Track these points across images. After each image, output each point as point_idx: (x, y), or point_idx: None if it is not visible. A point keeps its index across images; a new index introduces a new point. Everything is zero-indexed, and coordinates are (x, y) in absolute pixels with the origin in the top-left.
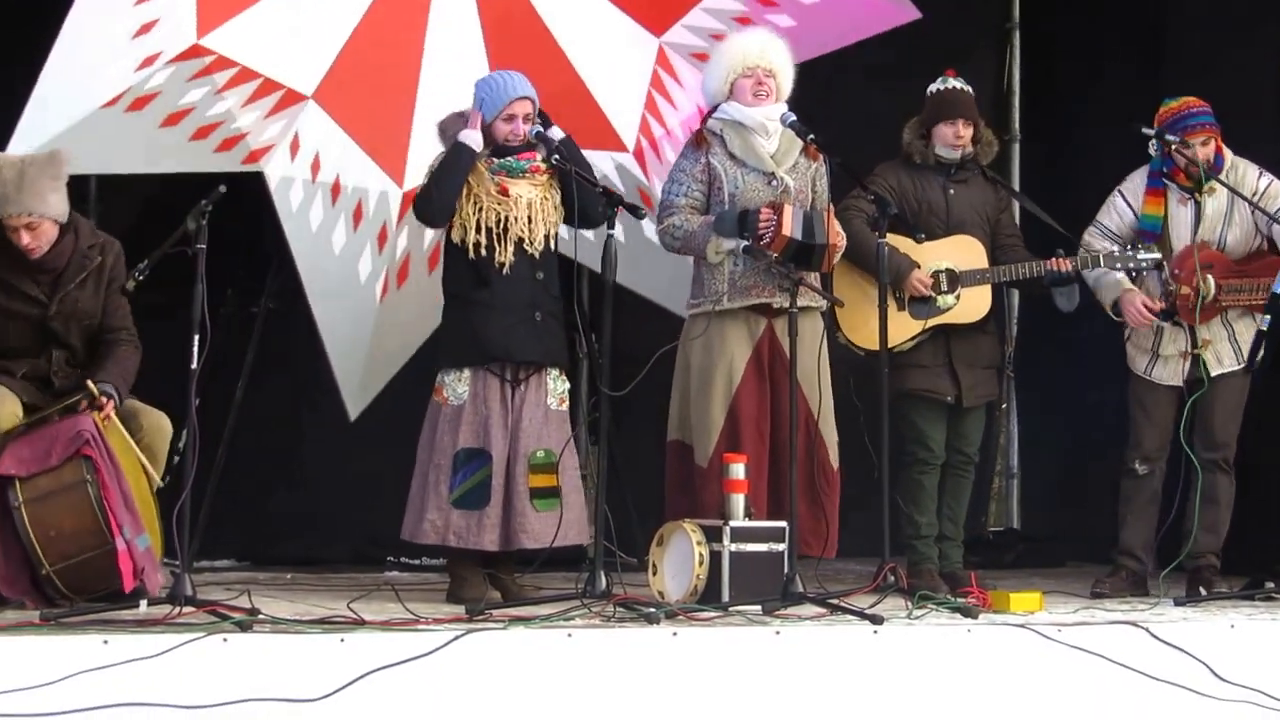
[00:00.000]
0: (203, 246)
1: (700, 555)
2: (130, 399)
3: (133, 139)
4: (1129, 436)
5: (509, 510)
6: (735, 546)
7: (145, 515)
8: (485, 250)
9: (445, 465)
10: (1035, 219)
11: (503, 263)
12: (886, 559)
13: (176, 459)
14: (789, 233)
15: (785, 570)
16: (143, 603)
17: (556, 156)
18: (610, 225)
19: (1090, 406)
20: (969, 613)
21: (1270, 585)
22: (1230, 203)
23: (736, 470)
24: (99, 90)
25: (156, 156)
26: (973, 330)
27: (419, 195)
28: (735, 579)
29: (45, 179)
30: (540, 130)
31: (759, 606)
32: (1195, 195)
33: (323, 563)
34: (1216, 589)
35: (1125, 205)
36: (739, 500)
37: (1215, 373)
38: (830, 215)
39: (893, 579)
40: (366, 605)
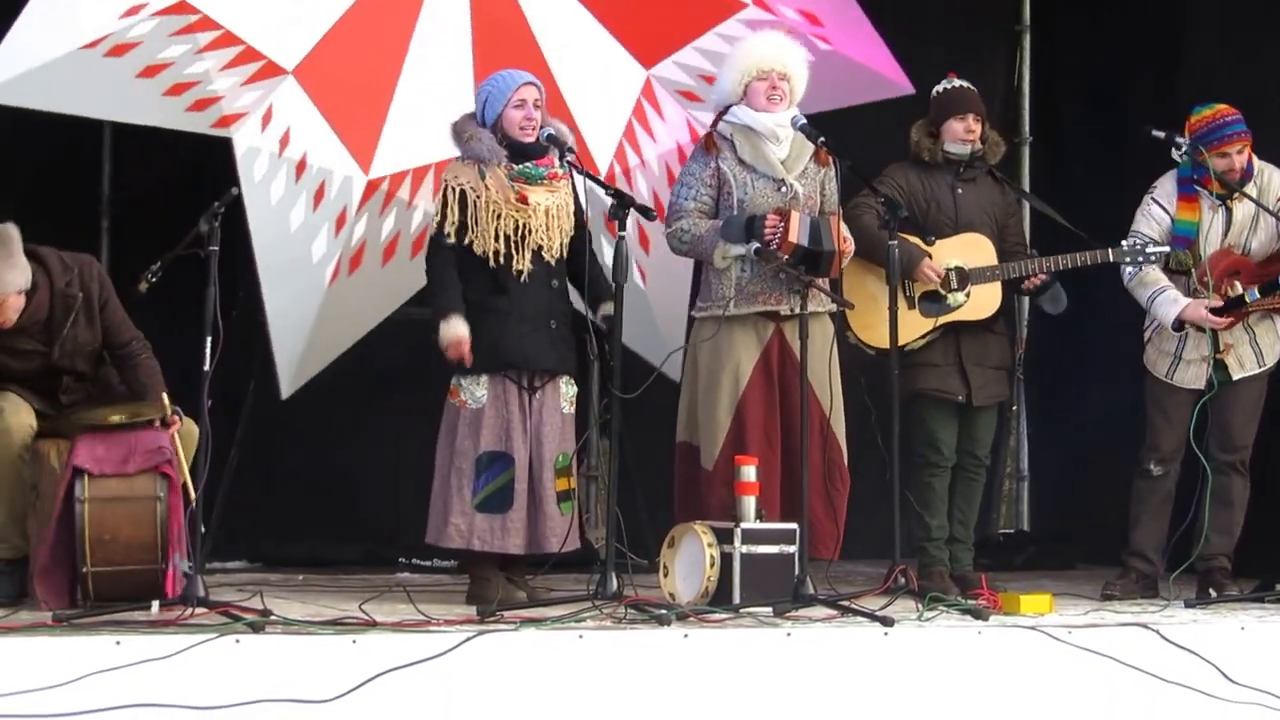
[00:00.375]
0: (215, 249)
1: (711, 557)
2: None
3: (107, 84)
4: (1145, 438)
5: (537, 514)
6: (746, 548)
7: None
8: (503, 258)
9: (467, 469)
10: (1048, 221)
11: (520, 270)
12: (897, 561)
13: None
14: (795, 239)
15: (796, 572)
16: (155, 604)
17: (570, 157)
18: (621, 227)
19: (1100, 408)
20: (979, 615)
21: None
22: (1257, 209)
23: (748, 473)
24: (80, 31)
25: (128, 106)
26: (982, 330)
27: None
28: (746, 581)
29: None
30: (552, 133)
31: (770, 608)
32: (1226, 202)
33: (334, 564)
34: (1227, 591)
35: (1161, 211)
36: (750, 502)
37: (1237, 376)
38: (837, 221)
39: (903, 581)
40: (378, 606)
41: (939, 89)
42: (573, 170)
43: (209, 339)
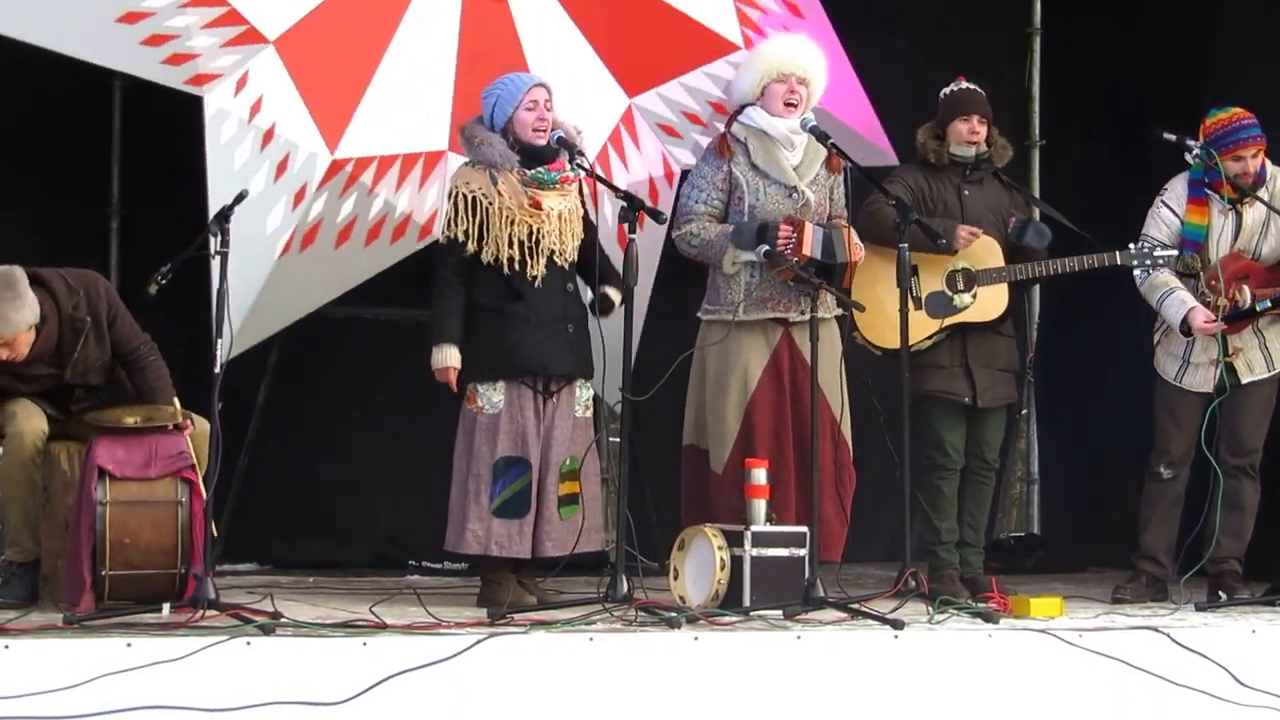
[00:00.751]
0: (226, 250)
1: (721, 560)
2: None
3: (86, 23)
4: (1155, 441)
5: (538, 518)
6: (756, 551)
7: None
8: (518, 264)
9: (485, 475)
10: (1054, 223)
11: (535, 276)
12: (908, 564)
13: None
14: (809, 252)
15: (806, 575)
16: (166, 606)
17: (580, 160)
18: (631, 229)
19: (1111, 412)
20: (990, 618)
21: None
22: (1269, 213)
23: (758, 476)
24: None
25: (105, 49)
26: (990, 332)
27: (434, 270)
28: (756, 583)
29: (3, 304)
30: (562, 136)
31: (780, 611)
32: (1237, 206)
33: (345, 566)
34: (1238, 594)
35: (1171, 214)
36: (760, 505)
37: (1246, 380)
38: (849, 232)
39: (914, 584)
40: (389, 609)
41: (946, 91)
42: (585, 172)
43: (219, 341)
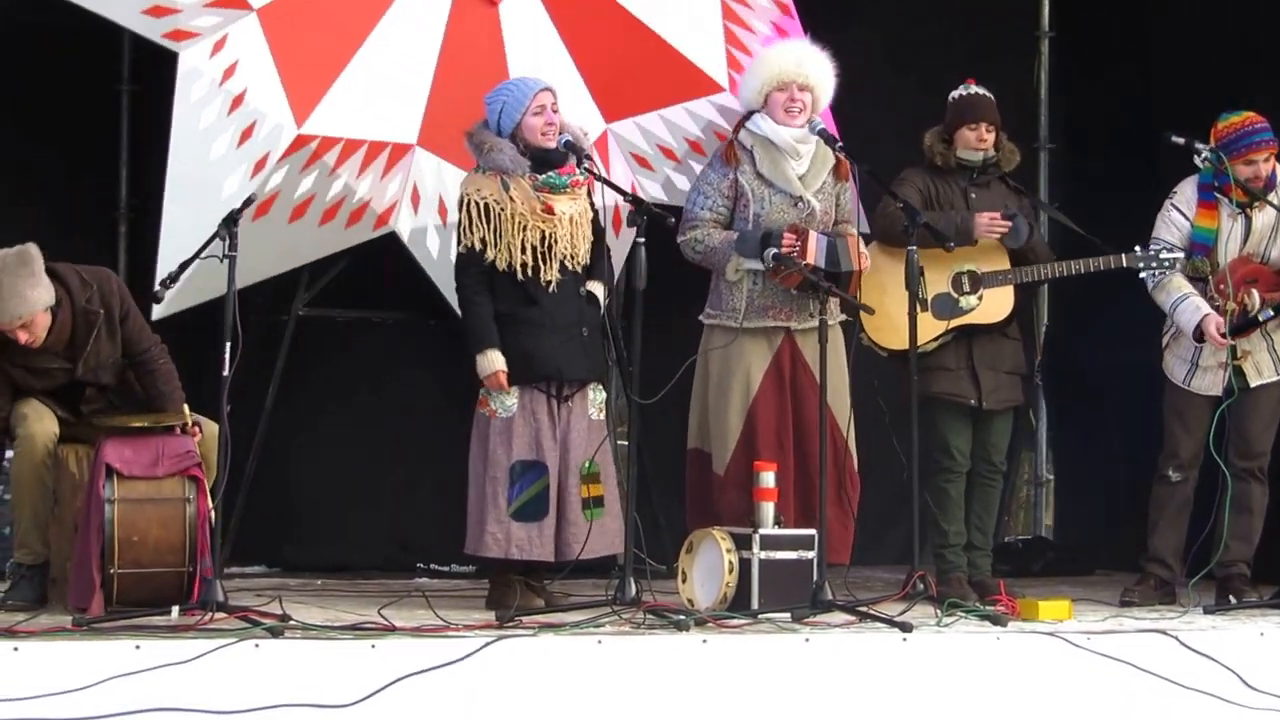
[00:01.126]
0: (234, 254)
1: (730, 563)
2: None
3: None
4: (1164, 444)
5: (562, 521)
6: (765, 554)
7: None
8: (531, 270)
9: (501, 478)
10: (1066, 227)
11: (549, 281)
12: (916, 567)
13: None
14: (812, 260)
15: (814, 578)
16: (175, 609)
17: (588, 164)
18: (640, 233)
19: (1119, 415)
20: (998, 621)
21: None
22: (1278, 217)
23: (766, 478)
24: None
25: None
26: (996, 334)
27: (457, 281)
28: (765, 586)
29: (21, 280)
30: (570, 140)
31: (788, 614)
32: (1246, 210)
33: (353, 569)
34: (1246, 597)
35: (1181, 217)
36: (768, 508)
37: (1255, 383)
38: (855, 241)
39: (922, 587)
40: (397, 612)
41: (954, 95)
42: (593, 175)
43: (228, 344)
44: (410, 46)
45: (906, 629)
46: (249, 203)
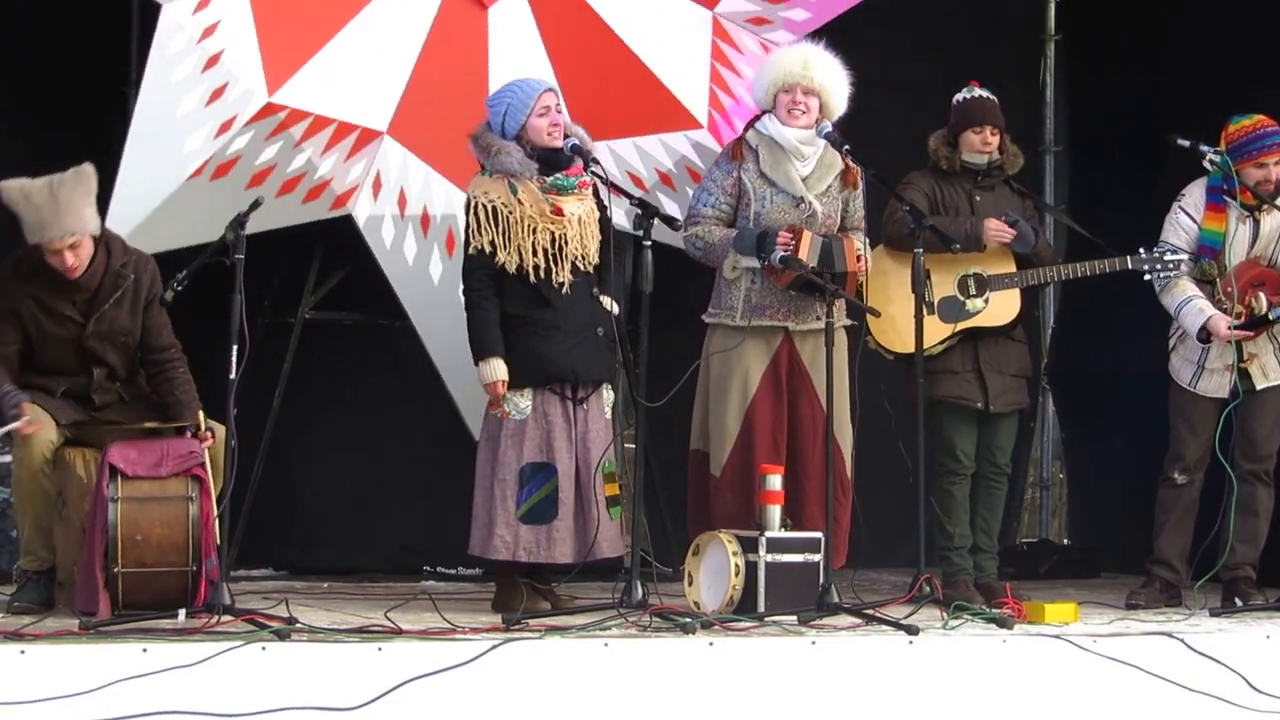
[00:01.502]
0: (241, 257)
1: (736, 566)
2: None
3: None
4: (1169, 447)
5: (586, 521)
6: (771, 557)
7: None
8: (543, 272)
9: (510, 480)
10: (1071, 230)
11: (561, 282)
12: (922, 570)
13: None
14: (805, 259)
15: (821, 581)
16: (181, 612)
17: (595, 167)
18: (646, 236)
19: (1125, 418)
20: (1004, 623)
21: None
22: None
23: (773, 481)
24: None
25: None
26: (1002, 337)
27: (465, 284)
28: (771, 589)
29: (79, 196)
30: (576, 144)
31: (794, 617)
32: (1254, 213)
33: (360, 572)
34: (1252, 600)
35: (1189, 220)
36: (774, 511)
37: (1260, 386)
38: (851, 243)
39: (928, 589)
40: (403, 615)
41: (959, 98)
42: (598, 179)
43: (235, 347)
44: (395, 34)
45: (913, 632)
46: (255, 206)
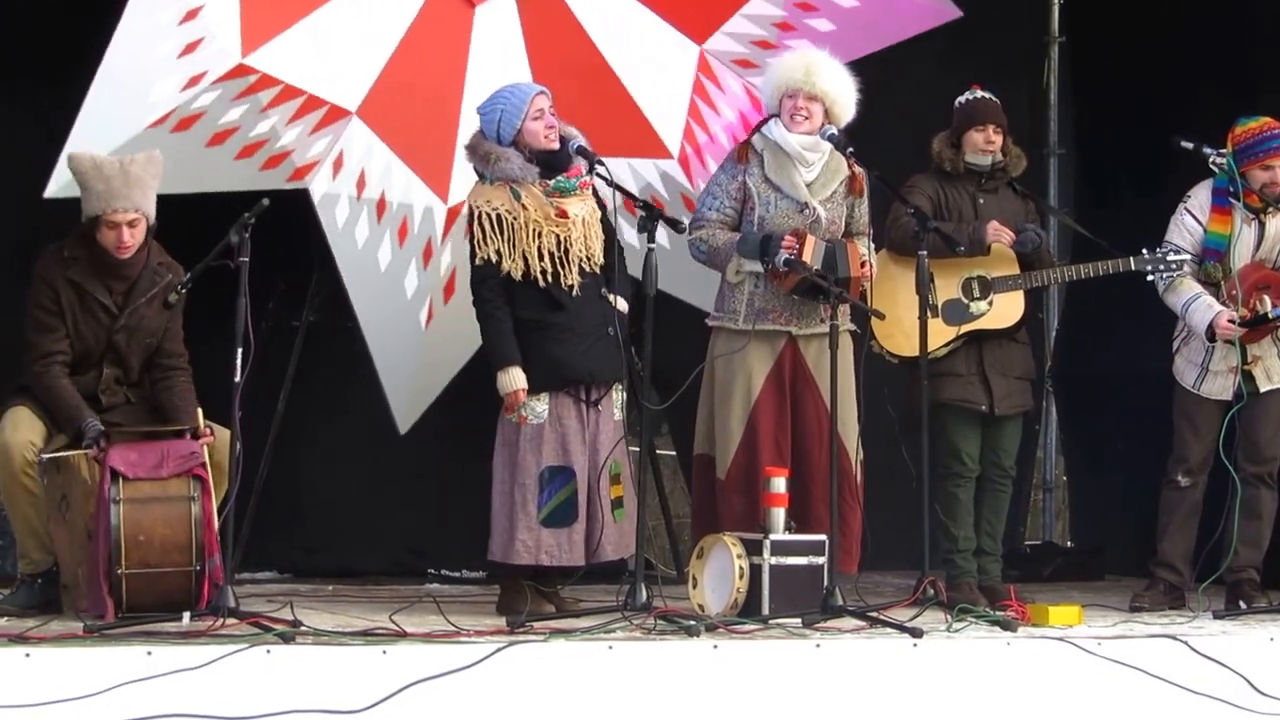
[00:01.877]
0: (246, 260)
1: (740, 569)
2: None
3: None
4: (1173, 449)
5: (593, 524)
6: (775, 560)
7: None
8: (551, 276)
9: (531, 485)
10: (1074, 232)
11: (571, 285)
12: (926, 572)
13: None
14: (808, 262)
15: (825, 583)
16: (186, 615)
17: (601, 169)
18: (651, 238)
19: (1129, 420)
20: (1008, 626)
21: None
22: None
23: (777, 484)
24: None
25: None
26: (1005, 340)
27: (474, 296)
28: (775, 592)
29: (149, 177)
30: (582, 145)
31: (799, 619)
32: (1260, 216)
33: (364, 575)
34: (1256, 603)
35: (1195, 222)
36: (779, 514)
37: (1264, 389)
38: (855, 248)
39: (932, 592)
40: (408, 617)
41: (961, 99)
42: (601, 180)
43: (240, 350)
44: (379, 16)
45: (917, 634)
46: (259, 209)
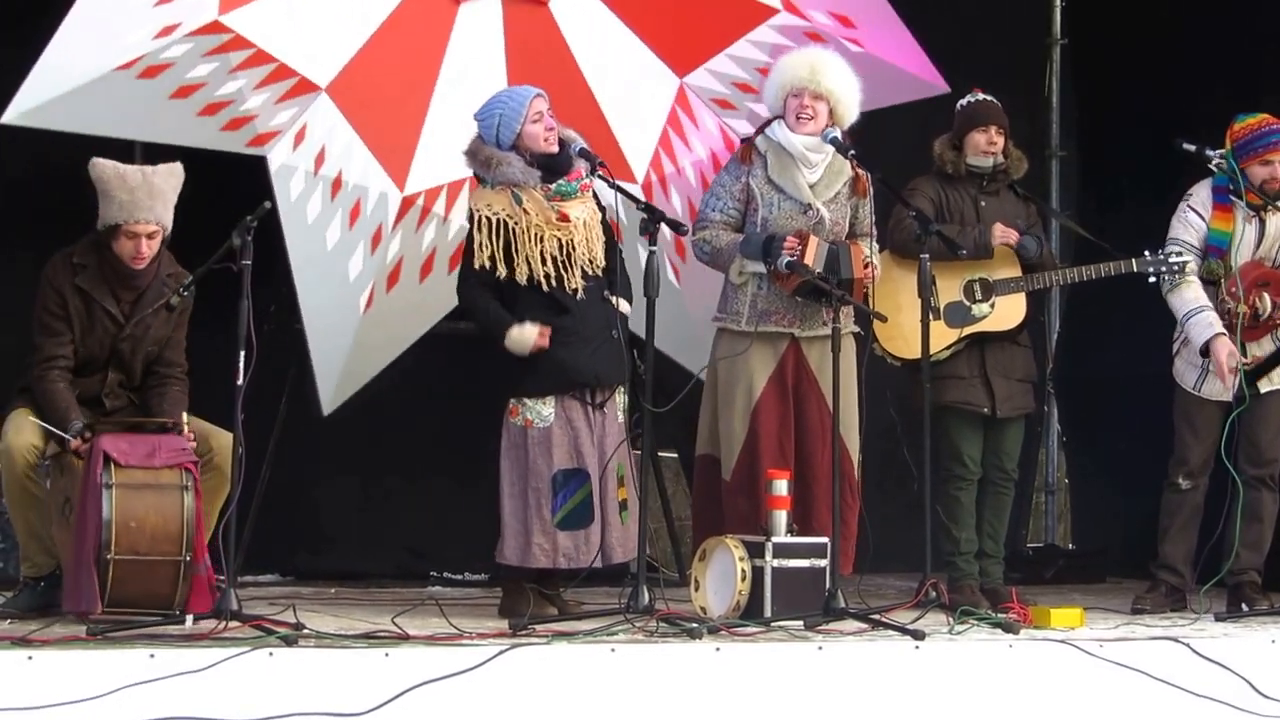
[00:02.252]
0: (248, 263)
1: (743, 571)
2: (199, 422)
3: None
4: (1173, 452)
5: (604, 526)
6: (777, 562)
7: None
8: (554, 280)
9: (544, 489)
10: (1076, 234)
11: (575, 288)
12: (928, 575)
13: None
14: (811, 264)
15: (827, 586)
16: (189, 618)
17: (602, 171)
18: (652, 241)
19: (1131, 422)
20: (1010, 628)
21: None
22: None
23: (779, 486)
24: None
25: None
26: (1007, 342)
27: (460, 294)
28: (777, 594)
29: (169, 190)
30: (584, 148)
31: (801, 622)
32: (1260, 213)
33: (366, 577)
34: (1258, 605)
35: (1198, 218)
36: (781, 516)
37: (1265, 390)
38: (858, 249)
39: (934, 595)
40: (411, 620)
41: (962, 103)
42: (604, 182)
43: (242, 353)
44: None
45: (919, 637)
46: (262, 211)
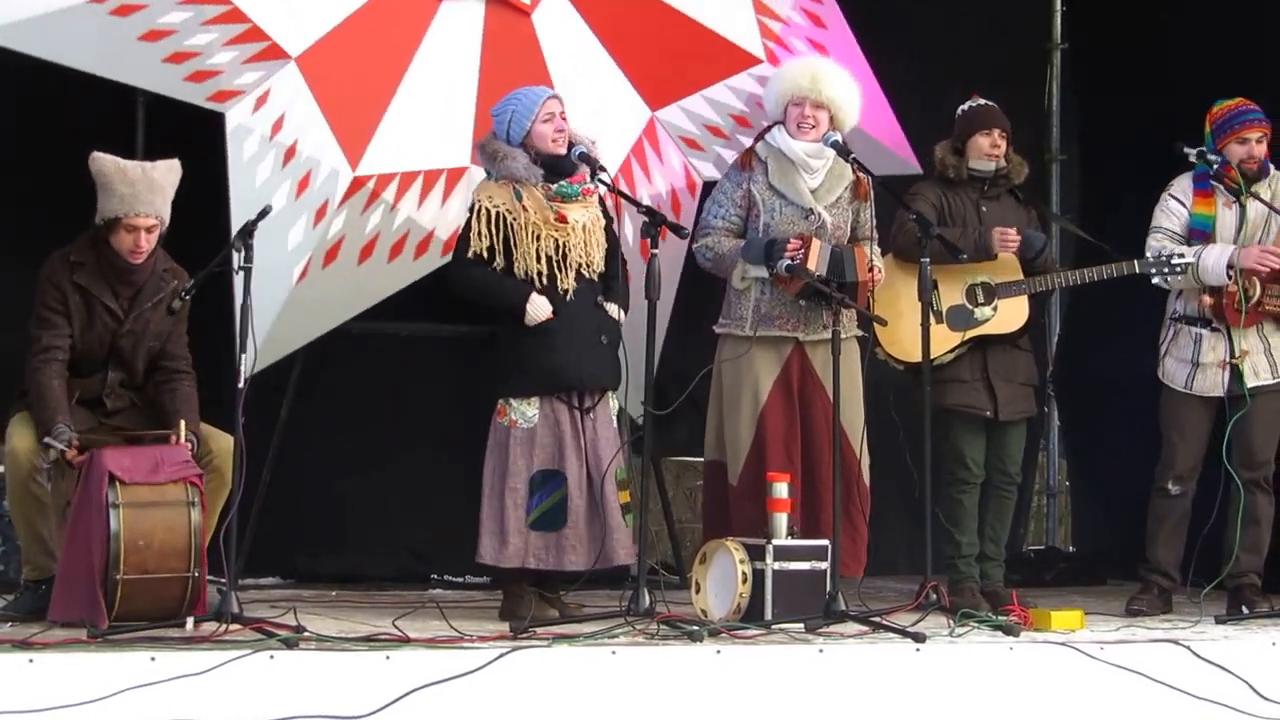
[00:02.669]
0: (249, 266)
1: (743, 573)
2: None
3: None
4: (1161, 456)
5: (602, 529)
6: (778, 565)
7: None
8: (547, 279)
9: (521, 489)
10: (1077, 238)
11: (566, 290)
12: (929, 577)
13: None
14: (814, 268)
15: (828, 588)
16: (189, 621)
17: (602, 174)
18: (654, 244)
19: (1131, 425)
20: (1011, 631)
21: None
22: (1270, 211)
23: (780, 489)
24: None
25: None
26: (1009, 346)
27: (457, 276)
28: (778, 597)
29: (169, 185)
30: (584, 151)
31: (802, 624)
32: (1240, 198)
33: (367, 580)
34: (1258, 607)
35: (1179, 205)
36: (782, 519)
37: (1251, 384)
38: (863, 252)
39: (935, 597)
40: (411, 623)
41: (964, 107)
42: (606, 187)
43: (242, 355)
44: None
45: (920, 639)
46: (264, 214)
